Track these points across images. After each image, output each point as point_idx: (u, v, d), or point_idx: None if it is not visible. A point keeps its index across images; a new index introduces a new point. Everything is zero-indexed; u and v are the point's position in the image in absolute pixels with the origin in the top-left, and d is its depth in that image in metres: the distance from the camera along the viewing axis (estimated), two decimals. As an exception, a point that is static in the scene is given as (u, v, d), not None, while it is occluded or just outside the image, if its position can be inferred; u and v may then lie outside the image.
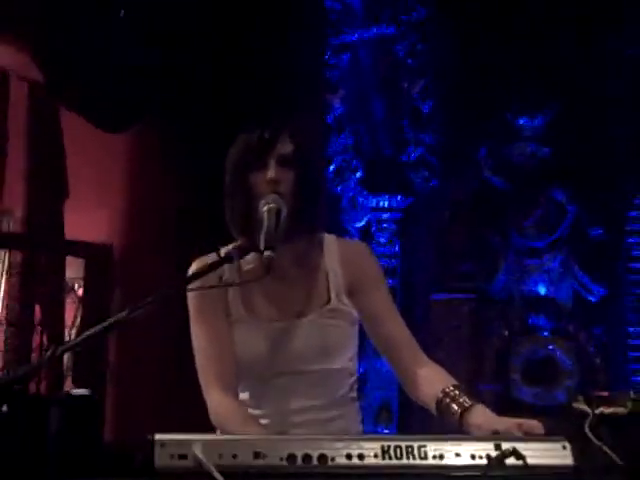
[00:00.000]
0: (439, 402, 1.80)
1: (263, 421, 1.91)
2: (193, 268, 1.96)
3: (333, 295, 1.97)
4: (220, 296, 1.94)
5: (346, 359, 1.99)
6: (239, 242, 1.93)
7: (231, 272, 1.96)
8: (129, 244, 5.18)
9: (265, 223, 1.79)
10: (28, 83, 4.81)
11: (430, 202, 4.84)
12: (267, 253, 1.73)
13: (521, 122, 4.70)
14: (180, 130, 4.89)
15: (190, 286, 1.82)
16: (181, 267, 2.01)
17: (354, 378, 2.03)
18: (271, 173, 1.86)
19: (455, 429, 1.74)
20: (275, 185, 1.86)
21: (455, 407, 1.76)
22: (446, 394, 1.80)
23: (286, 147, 1.90)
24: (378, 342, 2.00)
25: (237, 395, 1.93)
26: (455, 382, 1.84)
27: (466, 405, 1.75)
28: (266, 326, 1.93)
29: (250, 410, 1.94)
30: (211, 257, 1.95)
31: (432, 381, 1.87)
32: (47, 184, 4.92)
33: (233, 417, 1.85)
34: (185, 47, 4.66)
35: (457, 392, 1.79)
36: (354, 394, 2.04)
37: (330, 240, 2.03)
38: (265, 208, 1.82)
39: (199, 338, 1.94)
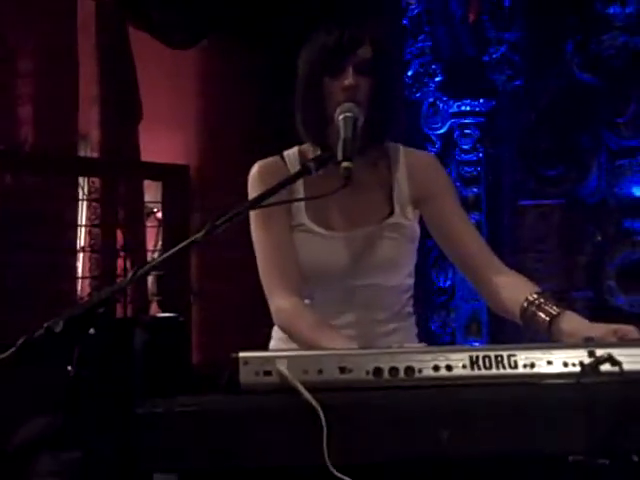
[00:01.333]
0: (524, 311, 1.75)
1: None
2: (255, 170, 1.96)
3: (397, 208, 1.94)
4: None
5: (403, 275, 1.98)
6: (315, 152, 1.91)
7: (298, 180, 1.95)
8: (205, 164, 5.24)
9: (342, 132, 1.76)
10: (95, 2, 4.83)
11: (515, 104, 4.73)
12: (345, 164, 1.68)
13: (611, 11, 4.51)
14: (252, 43, 4.86)
15: (266, 202, 1.79)
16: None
17: (410, 293, 2.02)
18: (349, 80, 1.82)
19: (546, 339, 1.71)
20: (352, 92, 1.82)
21: (543, 315, 1.71)
22: (531, 302, 1.74)
23: (365, 52, 1.85)
24: (450, 252, 1.97)
25: (302, 299, 1.92)
26: (538, 289, 1.79)
27: (554, 312, 1.70)
28: (326, 235, 1.92)
29: None
30: (274, 160, 1.96)
31: (513, 288, 1.81)
32: (121, 107, 4.97)
33: (303, 318, 1.84)
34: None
35: (543, 299, 1.74)
36: (410, 309, 2.03)
37: (396, 150, 1.99)
38: (342, 117, 1.79)
39: (261, 243, 1.93)
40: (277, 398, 1.30)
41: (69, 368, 1.37)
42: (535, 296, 1.75)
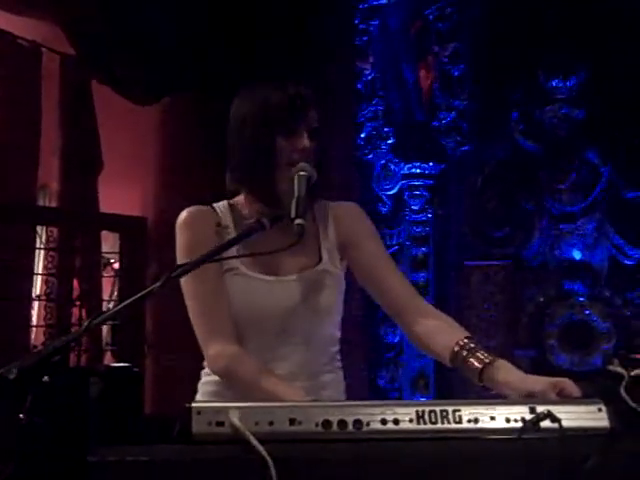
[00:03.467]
0: (454, 355, 1.75)
1: None
2: (184, 216, 1.94)
3: (325, 256, 1.94)
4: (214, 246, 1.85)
5: (334, 323, 1.96)
6: (251, 205, 1.93)
7: (228, 220, 1.94)
8: (163, 216, 5.22)
9: (296, 190, 1.77)
10: (60, 56, 4.83)
11: (463, 168, 4.80)
12: (298, 221, 1.69)
13: (554, 84, 4.64)
14: (213, 100, 4.90)
15: (219, 256, 1.76)
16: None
17: (338, 347, 1.99)
18: (305, 142, 1.85)
19: (489, 392, 1.71)
20: (307, 154, 1.85)
21: (474, 362, 1.71)
22: (462, 347, 1.74)
23: (315, 118, 1.89)
24: (377, 296, 1.95)
25: (240, 346, 1.87)
26: (467, 334, 1.78)
27: (487, 360, 1.70)
28: (262, 279, 1.89)
29: None
30: (203, 208, 1.96)
31: (443, 332, 1.81)
32: (81, 158, 4.95)
33: (244, 364, 1.80)
34: (214, 18, 4.65)
35: (473, 345, 1.74)
36: (339, 363, 2.00)
37: (323, 204, 2.01)
38: (296, 176, 1.81)
39: (193, 291, 1.88)
40: (229, 449, 1.29)
41: (21, 416, 1.35)
42: (465, 341, 1.75)
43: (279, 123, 1.86)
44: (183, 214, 1.96)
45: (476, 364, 1.71)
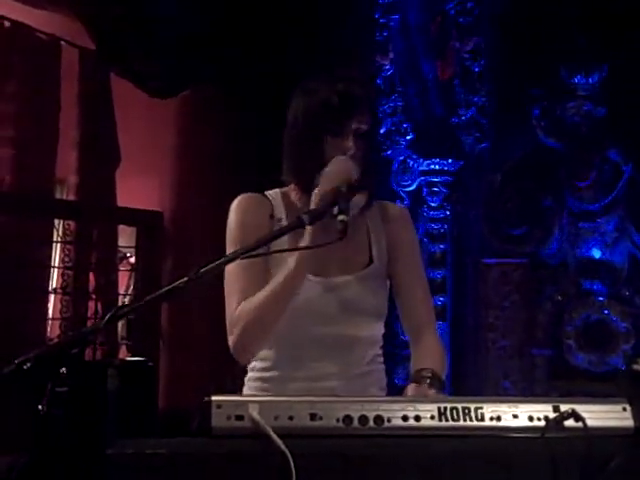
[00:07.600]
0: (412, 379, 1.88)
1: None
2: (238, 200, 1.97)
3: (375, 257, 1.96)
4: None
5: (381, 326, 2.00)
6: (300, 196, 1.93)
7: (281, 212, 1.95)
8: (180, 211, 5.23)
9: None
10: (79, 50, 4.84)
11: (482, 164, 4.78)
12: (341, 217, 1.69)
13: (576, 80, 4.61)
14: (231, 94, 4.90)
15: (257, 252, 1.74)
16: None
17: (381, 345, 2.04)
18: (351, 144, 1.86)
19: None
20: (351, 154, 1.85)
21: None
22: (414, 373, 1.88)
23: (365, 121, 1.89)
24: (399, 309, 2.02)
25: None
26: (428, 365, 1.89)
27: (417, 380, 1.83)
28: (312, 281, 1.88)
29: (276, 373, 1.93)
30: (257, 195, 1.98)
31: (418, 357, 1.96)
32: (99, 152, 4.96)
33: (250, 302, 1.82)
34: (232, 12, 4.64)
35: (421, 375, 1.86)
36: (382, 363, 2.05)
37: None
38: None
39: (232, 269, 1.85)
40: (248, 443, 1.29)
41: (40, 407, 1.34)
42: (416, 371, 1.89)
43: (328, 122, 1.87)
44: (238, 198, 1.98)
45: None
